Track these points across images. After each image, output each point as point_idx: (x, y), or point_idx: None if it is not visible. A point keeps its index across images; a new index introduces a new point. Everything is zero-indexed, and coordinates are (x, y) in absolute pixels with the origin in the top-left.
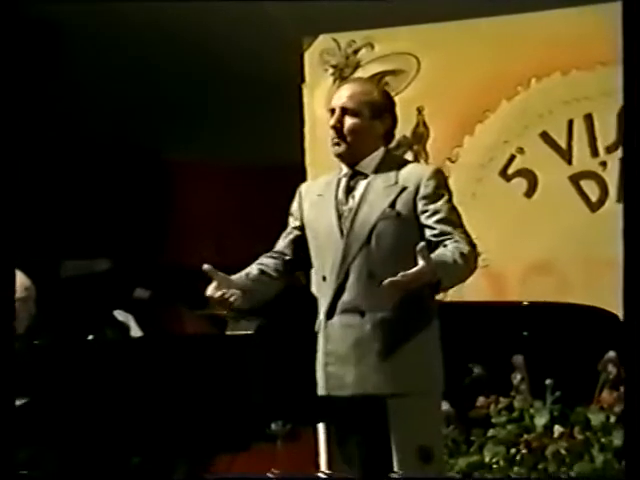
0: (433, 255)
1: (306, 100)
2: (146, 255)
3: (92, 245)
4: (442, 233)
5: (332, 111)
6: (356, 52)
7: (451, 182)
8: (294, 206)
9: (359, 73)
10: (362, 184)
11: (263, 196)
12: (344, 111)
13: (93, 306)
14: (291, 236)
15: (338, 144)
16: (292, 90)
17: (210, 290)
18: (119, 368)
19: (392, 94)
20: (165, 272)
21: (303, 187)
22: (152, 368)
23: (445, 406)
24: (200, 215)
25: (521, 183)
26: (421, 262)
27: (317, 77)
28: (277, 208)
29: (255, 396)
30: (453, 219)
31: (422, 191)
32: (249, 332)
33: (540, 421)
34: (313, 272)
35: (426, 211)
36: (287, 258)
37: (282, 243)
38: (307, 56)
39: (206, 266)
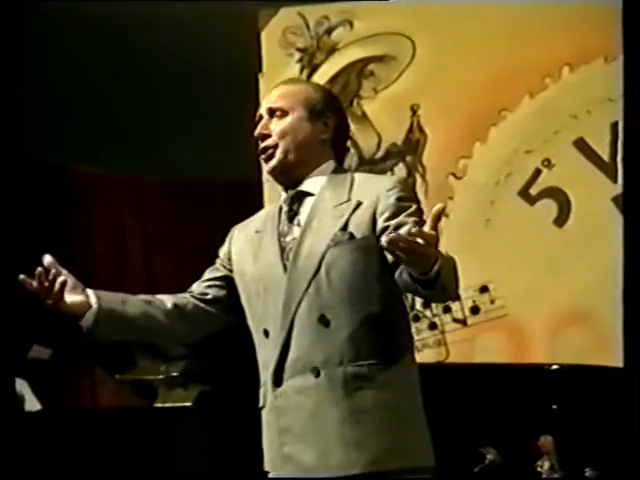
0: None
1: (263, 95)
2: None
3: None
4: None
5: (258, 120)
6: (330, 32)
7: (458, 204)
8: (221, 251)
9: (335, 59)
10: (307, 206)
11: (208, 219)
12: (272, 113)
13: None
14: (214, 275)
15: (269, 157)
16: (246, 81)
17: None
18: (8, 453)
19: (379, 87)
20: (72, 321)
21: (236, 229)
22: (52, 454)
23: None
24: (119, 240)
25: (549, 207)
26: (430, 229)
27: (279, 64)
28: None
29: None
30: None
31: (381, 204)
32: (186, 404)
33: None
34: (252, 330)
35: (387, 228)
36: (202, 305)
37: (201, 285)
38: (265, 36)
39: (47, 257)
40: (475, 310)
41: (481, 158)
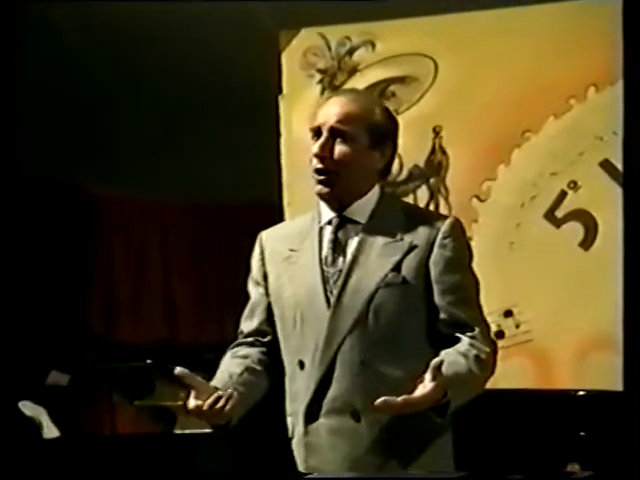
0: (444, 364)
1: (284, 117)
2: (66, 323)
3: None
4: (457, 323)
5: (316, 132)
6: (351, 52)
7: (481, 228)
8: (254, 265)
9: (356, 81)
10: (354, 237)
11: (228, 243)
12: (334, 134)
13: None
14: (262, 307)
15: (325, 182)
16: (265, 104)
17: (192, 402)
18: None
19: (401, 109)
20: (91, 347)
21: (264, 236)
22: None
23: None
24: (138, 265)
25: (575, 229)
26: (429, 381)
27: (299, 86)
28: (243, 256)
29: None
30: (472, 301)
31: (437, 252)
32: (206, 430)
33: None
34: (285, 358)
35: (441, 283)
36: (268, 339)
37: (254, 320)
38: (285, 58)
39: (179, 369)
40: (500, 335)
41: (505, 180)
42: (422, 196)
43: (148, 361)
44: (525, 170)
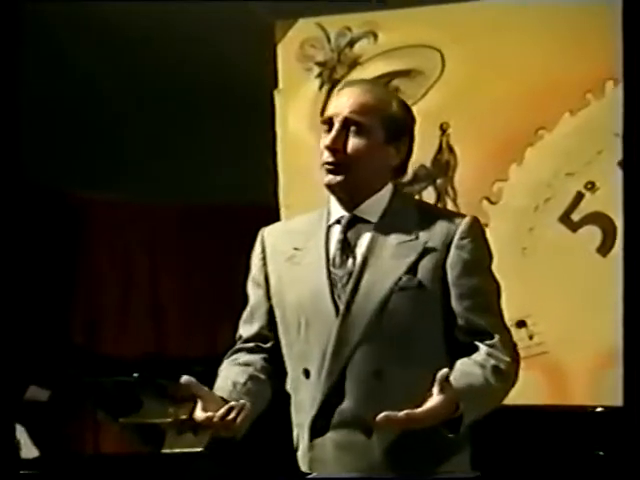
0: (457, 372)
1: (279, 113)
2: (46, 333)
3: None
4: (475, 331)
5: (329, 123)
6: (352, 44)
7: (492, 232)
8: (254, 264)
9: (357, 74)
10: (365, 237)
11: (219, 252)
12: (348, 125)
13: None
14: (263, 310)
15: (335, 172)
16: (260, 99)
17: (201, 413)
18: None
19: None
20: (73, 360)
21: (266, 233)
22: None
23: None
24: (124, 267)
25: (592, 233)
26: (436, 394)
27: (296, 80)
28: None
29: None
30: (493, 306)
31: (454, 254)
32: (197, 449)
33: None
34: (288, 365)
35: (458, 287)
36: (270, 345)
37: (254, 325)
38: (281, 50)
39: (185, 377)
40: None
41: (517, 181)
42: (428, 198)
43: (135, 375)
44: (539, 170)
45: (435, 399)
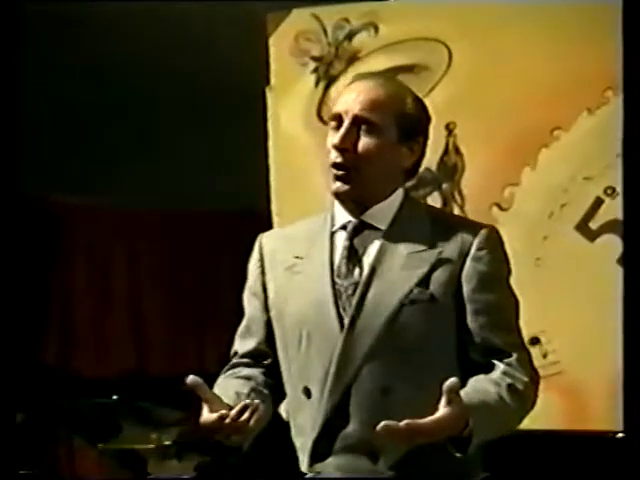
0: (469, 388)
1: (272, 111)
2: (16, 352)
3: None
4: (491, 350)
5: (337, 120)
6: (350, 37)
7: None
8: (252, 273)
9: (356, 70)
10: (374, 245)
11: (205, 262)
12: (358, 123)
13: None
14: (260, 323)
15: (344, 178)
16: (251, 97)
17: (209, 415)
18: None
19: None
20: (46, 381)
21: (264, 239)
22: None
23: None
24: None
25: (612, 243)
26: (443, 406)
27: (290, 75)
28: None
29: None
30: (509, 324)
31: (470, 266)
32: (184, 476)
33: None
34: (287, 384)
35: (474, 302)
36: (269, 362)
37: (251, 340)
38: (274, 42)
39: (191, 378)
40: None
41: (531, 186)
42: (433, 204)
43: (114, 397)
44: (554, 174)
45: (442, 411)
